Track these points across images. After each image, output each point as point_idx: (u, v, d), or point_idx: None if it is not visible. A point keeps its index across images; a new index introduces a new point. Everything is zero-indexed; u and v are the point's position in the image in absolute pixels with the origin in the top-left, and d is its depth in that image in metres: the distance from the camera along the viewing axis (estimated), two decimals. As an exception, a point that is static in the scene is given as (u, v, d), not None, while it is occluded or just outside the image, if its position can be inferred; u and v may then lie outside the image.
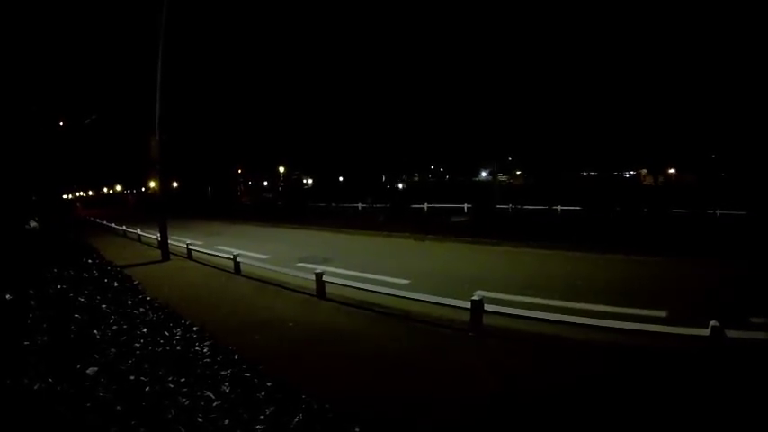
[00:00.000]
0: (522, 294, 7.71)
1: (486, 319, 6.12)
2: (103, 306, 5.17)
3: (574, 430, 3.67)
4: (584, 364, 4.86)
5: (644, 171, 48.56)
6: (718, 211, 15.46)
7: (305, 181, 58.35)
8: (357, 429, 3.32)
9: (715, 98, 30.71)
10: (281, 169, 56.21)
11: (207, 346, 4.57)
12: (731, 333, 4.73)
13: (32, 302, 4.50)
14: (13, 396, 2.84)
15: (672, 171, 45.82)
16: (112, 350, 4.03)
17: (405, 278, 9.28)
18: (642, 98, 33.71)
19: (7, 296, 4.30)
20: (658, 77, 32.96)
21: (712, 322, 4.67)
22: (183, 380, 3.55)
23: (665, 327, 5.34)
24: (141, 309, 5.71)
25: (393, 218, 20.06)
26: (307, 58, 42.39)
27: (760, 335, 4.93)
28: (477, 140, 41.27)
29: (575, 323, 5.61)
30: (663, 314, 6.35)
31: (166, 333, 4.75)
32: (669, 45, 31.87)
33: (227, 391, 3.51)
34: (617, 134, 35.85)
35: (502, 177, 46.04)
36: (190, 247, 13.32)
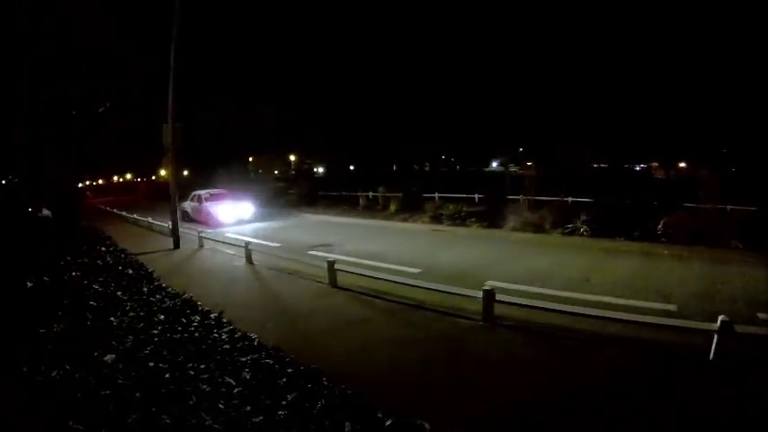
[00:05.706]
0: (530, 285, 7.69)
1: (497, 309, 6.05)
2: (119, 293, 5.13)
3: (583, 424, 3.64)
4: (592, 356, 4.87)
5: (655, 164, 48.12)
6: (728, 207, 15.41)
7: (315, 169, 58.09)
8: (379, 414, 3.26)
9: (727, 92, 30.36)
10: (292, 158, 56.15)
11: (225, 332, 4.51)
12: (740, 328, 4.71)
13: (47, 290, 4.46)
14: (31, 383, 2.79)
15: (683, 165, 45.35)
16: (130, 337, 3.98)
17: (416, 267, 9.23)
18: (654, 91, 33.44)
19: (28, 284, 4.27)
20: (670, 71, 32.66)
21: (721, 317, 4.69)
22: (203, 366, 3.49)
23: (675, 320, 5.36)
24: (157, 296, 5.66)
25: (405, 207, 19.98)
26: (318, 46, 42.15)
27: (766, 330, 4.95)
28: (488, 131, 41.08)
29: (583, 314, 5.56)
30: (673, 308, 6.31)
31: (184, 320, 4.69)
32: (682, 39, 31.54)
33: (248, 377, 3.45)
34: (628, 127, 35.61)
35: (513, 168, 45.59)
36: (201, 235, 13.30)
